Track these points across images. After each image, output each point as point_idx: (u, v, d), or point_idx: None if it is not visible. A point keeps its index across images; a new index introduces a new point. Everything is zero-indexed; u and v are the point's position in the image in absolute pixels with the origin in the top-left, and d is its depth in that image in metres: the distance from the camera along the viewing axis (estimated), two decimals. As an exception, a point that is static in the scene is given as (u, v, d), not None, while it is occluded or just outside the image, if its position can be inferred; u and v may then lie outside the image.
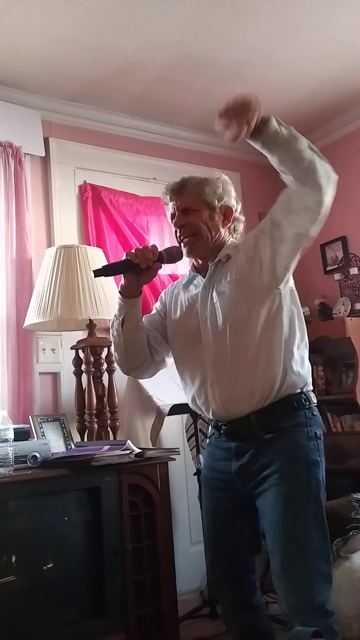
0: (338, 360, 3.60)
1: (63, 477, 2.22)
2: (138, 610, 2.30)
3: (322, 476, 1.70)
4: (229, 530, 1.80)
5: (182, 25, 2.78)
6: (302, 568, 1.59)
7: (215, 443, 1.85)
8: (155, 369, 1.97)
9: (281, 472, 1.66)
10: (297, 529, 1.61)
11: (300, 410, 1.72)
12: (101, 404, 2.80)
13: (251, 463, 1.72)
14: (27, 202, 3.07)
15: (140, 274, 1.77)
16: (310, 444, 1.70)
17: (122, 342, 1.85)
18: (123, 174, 3.50)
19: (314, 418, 1.75)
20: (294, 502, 1.63)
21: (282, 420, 1.70)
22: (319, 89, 3.44)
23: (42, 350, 3.05)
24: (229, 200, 1.87)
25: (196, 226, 1.81)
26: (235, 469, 1.75)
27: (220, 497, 1.82)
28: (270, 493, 1.67)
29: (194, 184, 1.83)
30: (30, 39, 2.78)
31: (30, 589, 2.13)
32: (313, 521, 1.62)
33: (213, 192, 1.83)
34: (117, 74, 3.11)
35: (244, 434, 1.73)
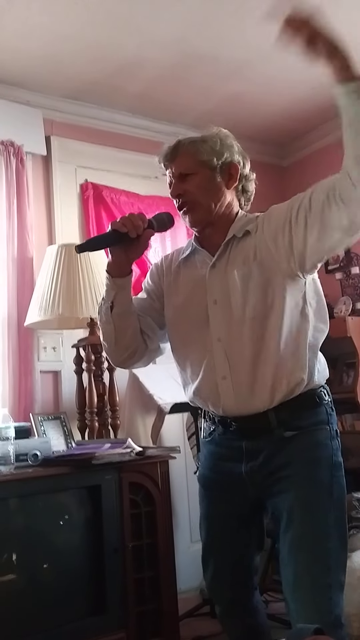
0: (339, 360, 3.60)
1: (64, 476, 2.22)
2: (138, 608, 2.30)
3: (345, 480, 1.56)
4: (234, 537, 1.66)
5: (183, 24, 2.78)
6: (321, 581, 1.45)
7: (220, 441, 1.64)
8: (149, 358, 1.74)
9: (301, 475, 1.51)
10: (318, 539, 1.47)
11: (321, 406, 1.57)
12: (102, 403, 2.80)
13: (266, 464, 1.55)
14: (28, 201, 3.07)
15: (129, 246, 1.56)
16: (333, 444, 1.56)
17: (112, 329, 1.62)
18: (124, 172, 3.49)
19: (333, 414, 1.60)
20: (315, 509, 1.49)
21: (303, 416, 1.54)
22: (320, 88, 3.42)
23: (43, 349, 3.05)
24: (231, 156, 1.63)
25: (194, 193, 1.58)
26: (246, 470, 1.57)
27: (225, 501, 1.65)
28: (287, 496, 1.52)
29: (188, 144, 1.62)
30: (31, 38, 2.78)
31: (30, 587, 2.13)
32: (335, 530, 1.49)
33: (210, 149, 1.60)
34: (118, 72, 3.11)
35: (258, 432, 1.55)
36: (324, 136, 3.94)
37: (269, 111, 3.64)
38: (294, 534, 1.49)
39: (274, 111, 3.65)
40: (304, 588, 1.45)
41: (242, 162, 1.66)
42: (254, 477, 1.57)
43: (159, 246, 3.51)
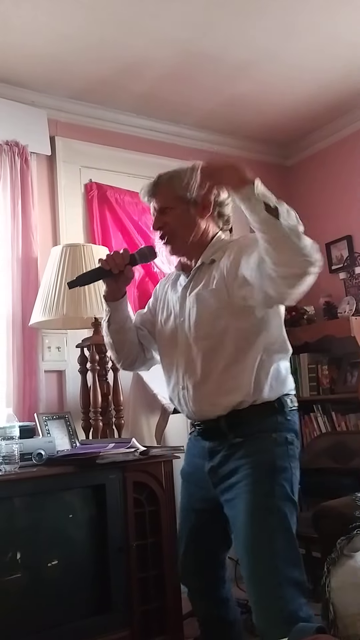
0: (343, 360, 3.60)
1: (68, 475, 2.23)
2: (142, 606, 2.31)
3: (291, 481, 1.66)
4: (202, 529, 1.85)
5: (188, 24, 2.78)
6: (269, 579, 1.56)
7: (194, 441, 1.88)
8: (149, 365, 2.02)
9: (246, 480, 1.65)
10: (261, 539, 1.59)
11: (271, 416, 1.69)
12: (106, 402, 2.81)
13: (221, 465, 1.73)
14: (33, 201, 3.08)
15: (116, 278, 1.79)
16: (277, 450, 1.67)
17: (111, 342, 1.92)
18: (129, 172, 3.50)
19: (286, 423, 1.71)
20: (257, 511, 1.61)
21: (250, 425, 1.68)
22: (324, 88, 3.43)
23: (47, 349, 3.06)
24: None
25: (172, 225, 1.76)
26: (207, 469, 1.77)
27: (197, 495, 1.86)
28: (236, 502, 1.66)
29: (165, 181, 1.78)
30: (36, 38, 2.79)
31: (35, 585, 2.14)
32: (279, 530, 1.59)
33: (182, 184, 1.72)
34: (123, 72, 3.12)
35: (216, 435, 1.74)
36: (328, 136, 3.94)
37: (273, 111, 3.64)
38: (240, 540, 1.65)
39: (278, 111, 3.65)
40: (253, 589, 1.60)
41: (216, 190, 1.74)
42: (213, 477, 1.76)
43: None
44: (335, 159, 3.94)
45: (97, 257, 2.74)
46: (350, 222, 3.78)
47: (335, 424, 3.46)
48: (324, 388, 3.58)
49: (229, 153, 3.88)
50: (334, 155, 3.95)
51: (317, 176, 4.05)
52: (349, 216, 3.79)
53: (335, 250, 3.86)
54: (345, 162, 3.87)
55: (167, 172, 1.81)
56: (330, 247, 3.89)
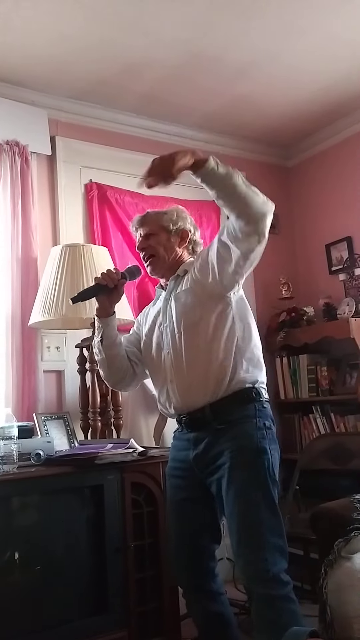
0: (342, 361, 3.60)
1: (66, 475, 2.23)
2: (140, 607, 2.31)
3: (271, 462, 1.88)
4: (189, 518, 2.00)
5: (189, 25, 2.78)
6: (257, 544, 1.79)
7: (179, 436, 2.06)
8: (138, 380, 2.24)
9: (232, 460, 1.85)
10: (250, 510, 1.81)
11: (250, 403, 1.92)
12: (105, 403, 2.81)
13: (206, 451, 1.92)
14: (33, 201, 3.08)
15: (110, 294, 2.07)
16: (258, 433, 1.89)
17: (104, 357, 2.12)
18: (129, 172, 3.49)
19: (263, 410, 1.94)
20: (245, 486, 1.83)
21: (233, 412, 1.90)
22: (325, 89, 3.43)
23: (46, 349, 3.06)
24: (184, 225, 2.13)
25: (154, 248, 2.09)
26: (192, 457, 1.95)
27: (180, 485, 2.02)
28: (223, 480, 1.86)
29: (154, 214, 2.15)
30: (37, 38, 2.79)
31: (33, 585, 2.14)
32: (264, 502, 1.82)
33: (169, 219, 2.11)
34: (123, 73, 3.12)
35: (200, 424, 1.94)
36: (329, 137, 3.94)
37: (274, 112, 3.64)
38: (230, 511, 1.85)
39: (279, 112, 3.65)
40: (243, 551, 1.82)
41: (192, 230, 2.16)
42: (198, 463, 1.95)
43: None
44: (335, 160, 3.94)
45: (97, 257, 2.78)
46: (350, 223, 3.78)
47: (334, 425, 3.47)
48: (323, 389, 3.58)
49: (229, 154, 3.88)
50: (335, 157, 3.95)
51: (317, 177, 4.05)
52: (349, 217, 3.79)
53: (335, 252, 3.86)
54: (345, 163, 3.87)
55: (155, 210, 2.22)
56: (330, 248, 3.89)
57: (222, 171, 1.77)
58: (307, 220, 4.10)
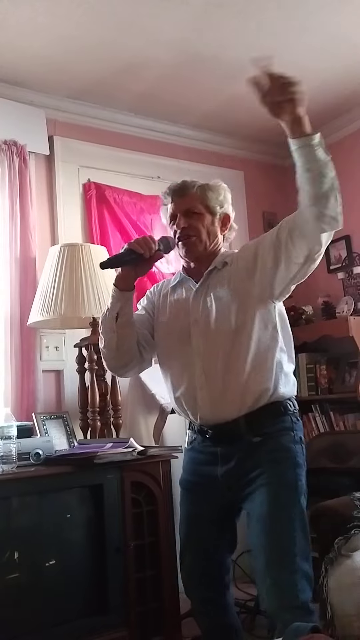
0: (341, 359, 3.60)
1: (66, 475, 2.23)
2: (140, 607, 2.31)
3: (305, 479, 1.75)
4: (208, 536, 1.83)
5: (187, 24, 2.78)
6: (287, 567, 1.62)
7: (199, 448, 1.86)
8: (141, 367, 1.97)
9: (269, 473, 1.70)
10: (284, 528, 1.65)
11: (286, 415, 1.78)
12: (104, 402, 2.81)
13: (238, 466, 1.75)
14: (31, 201, 3.08)
15: (139, 264, 1.79)
16: (296, 447, 1.76)
17: (116, 337, 1.83)
18: (127, 172, 3.50)
19: (298, 423, 1.81)
20: (282, 502, 1.67)
21: (269, 423, 1.75)
22: (323, 88, 3.43)
23: (45, 348, 3.06)
24: (228, 207, 1.91)
25: (197, 229, 1.83)
26: (221, 474, 1.77)
27: (199, 501, 1.84)
28: (258, 493, 1.70)
29: (197, 187, 1.86)
30: (35, 38, 2.79)
31: (32, 585, 2.13)
32: (298, 522, 1.67)
33: (215, 198, 1.87)
34: (121, 72, 3.12)
35: (230, 438, 1.75)
36: (326, 136, 3.86)
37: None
38: (262, 525, 1.68)
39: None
40: (273, 574, 1.63)
41: (232, 215, 1.95)
42: (228, 480, 1.76)
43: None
44: (334, 158, 3.90)
45: (95, 256, 2.77)
46: (349, 222, 3.72)
47: (333, 423, 3.46)
48: (322, 388, 3.58)
49: (228, 153, 3.88)
50: (333, 155, 3.89)
51: (315, 176, 4.04)
52: (348, 216, 3.73)
53: (333, 250, 3.86)
54: (343, 162, 3.85)
55: (199, 182, 1.89)
56: (328, 247, 3.86)
57: (324, 155, 1.71)
58: (306, 219, 4.09)
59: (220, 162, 3.72)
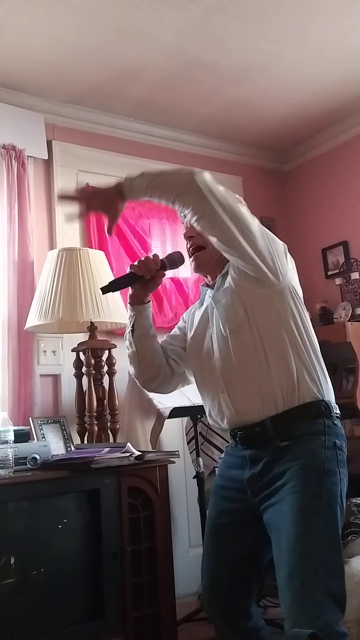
0: (339, 365, 3.60)
1: (63, 479, 2.22)
2: (136, 613, 2.30)
3: (339, 487, 1.60)
4: (231, 548, 1.72)
5: (186, 30, 2.79)
6: (308, 583, 1.47)
7: (231, 452, 1.79)
8: (176, 382, 1.93)
9: (293, 482, 1.58)
10: (305, 540, 1.51)
11: (318, 418, 1.65)
12: (101, 407, 2.80)
13: (264, 472, 1.64)
14: (29, 205, 3.08)
15: (145, 283, 1.79)
16: (327, 453, 1.61)
17: (135, 350, 1.83)
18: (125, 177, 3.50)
19: (333, 427, 1.67)
20: (304, 512, 1.54)
21: (298, 427, 1.63)
22: (322, 93, 3.44)
23: (43, 353, 3.05)
24: None
25: (204, 239, 1.77)
26: (247, 477, 1.68)
27: (227, 509, 1.75)
28: (281, 504, 1.58)
29: None
30: (34, 43, 2.80)
31: (28, 590, 2.13)
32: (323, 532, 1.52)
33: None
34: (120, 77, 3.13)
35: (259, 441, 1.66)
36: (325, 141, 3.95)
37: (270, 117, 3.65)
38: (283, 537, 1.54)
39: (275, 117, 3.66)
40: (291, 591, 1.48)
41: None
42: (253, 485, 1.66)
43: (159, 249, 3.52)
44: (332, 164, 3.95)
45: (93, 261, 2.78)
46: (347, 227, 3.79)
47: (330, 429, 3.46)
48: (319, 393, 3.57)
49: (227, 158, 3.89)
50: (331, 161, 3.96)
51: (314, 182, 4.06)
52: (345, 222, 3.80)
53: (331, 256, 3.87)
54: (342, 168, 3.88)
55: None
56: (326, 252, 3.90)
57: (140, 180, 1.68)
58: (304, 224, 4.10)
59: (218, 168, 3.72)
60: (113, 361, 2.84)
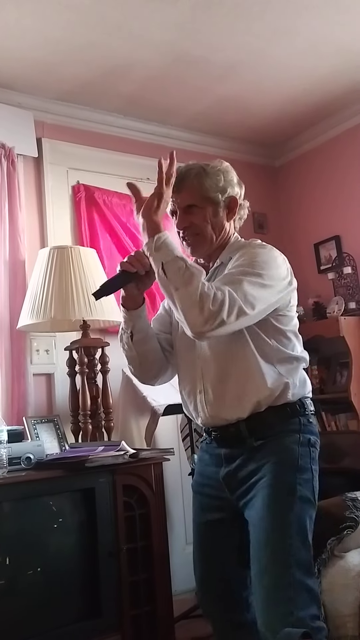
0: (332, 360, 3.61)
1: (57, 479, 2.22)
2: (133, 610, 2.30)
3: (312, 484, 1.59)
4: (218, 544, 1.71)
5: (174, 26, 2.78)
6: (280, 578, 1.46)
7: (206, 449, 1.76)
8: (172, 372, 1.85)
9: (266, 477, 1.56)
10: (277, 535, 1.50)
11: (294, 417, 1.63)
12: (95, 405, 2.80)
13: (239, 469, 1.63)
14: (20, 203, 3.06)
15: (140, 281, 1.67)
16: (301, 450, 1.60)
17: (135, 355, 1.75)
18: (116, 174, 3.49)
19: (309, 425, 1.65)
20: (276, 507, 1.53)
21: (273, 427, 1.61)
22: (311, 89, 3.44)
23: (35, 352, 3.04)
24: (232, 190, 1.74)
25: (200, 226, 1.69)
26: (223, 475, 1.66)
27: (208, 505, 1.73)
28: (256, 499, 1.57)
29: (193, 178, 1.70)
30: (22, 40, 2.78)
31: (24, 590, 2.12)
32: (295, 529, 1.51)
33: (215, 185, 1.70)
34: (110, 74, 3.11)
35: (233, 441, 1.64)
36: (316, 136, 3.95)
37: (260, 112, 3.64)
38: (256, 533, 1.53)
39: (265, 112, 3.65)
40: (262, 586, 1.47)
41: (239, 192, 1.77)
42: (230, 482, 1.65)
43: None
44: (323, 159, 3.95)
45: (85, 259, 2.76)
46: (339, 222, 3.79)
47: (325, 424, 3.47)
48: (313, 388, 3.56)
49: (217, 154, 3.85)
50: (322, 156, 3.96)
51: (305, 177, 4.06)
52: (337, 216, 3.80)
53: (323, 251, 3.87)
54: (333, 162, 3.88)
55: (192, 166, 1.75)
56: (318, 247, 3.90)
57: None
58: (296, 219, 4.10)
59: (209, 164, 3.71)
60: (106, 359, 2.83)
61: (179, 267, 1.51)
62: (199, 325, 1.47)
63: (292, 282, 1.69)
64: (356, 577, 2.27)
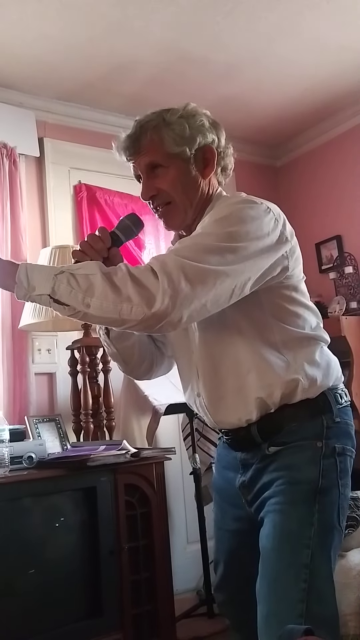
0: (333, 359, 3.60)
1: (59, 478, 2.22)
2: (135, 609, 2.30)
3: (337, 506, 1.32)
4: (240, 553, 1.52)
5: (176, 26, 2.78)
6: (293, 613, 1.22)
7: (224, 448, 1.56)
8: (169, 364, 1.63)
9: (278, 497, 1.33)
10: (285, 579, 1.25)
11: (315, 418, 1.36)
12: (97, 404, 2.80)
13: (253, 481, 1.42)
14: (21, 203, 3.06)
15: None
16: (324, 464, 1.32)
17: (116, 352, 1.52)
18: (118, 174, 3.48)
19: (335, 427, 1.36)
20: (287, 542, 1.28)
21: (289, 431, 1.35)
22: (312, 89, 3.44)
23: (37, 351, 3.05)
24: (203, 138, 1.41)
25: (169, 192, 1.39)
26: (238, 485, 1.46)
27: (230, 513, 1.54)
28: (266, 522, 1.34)
29: (151, 131, 1.42)
30: (24, 39, 2.78)
31: (26, 589, 2.12)
32: (313, 570, 1.25)
33: (179, 137, 1.39)
34: (111, 74, 3.11)
35: (246, 445, 1.42)
36: (317, 136, 3.95)
37: (261, 113, 3.65)
38: (264, 566, 1.30)
39: (266, 113, 3.65)
40: (270, 634, 1.23)
41: (216, 138, 1.44)
42: (245, 494, 1.46)
43: (153, 248, 3.51)
44: (324, 159, 3.95)
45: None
46: (340, 222, 3.79)
47: (326, 423, 3.46)
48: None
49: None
50: (323, 156, 3.96)
51: (306, 177, 4.06)
52: (339, 216, 3.80)
53: (325, 250, 3.87)
54: (333, 162, 3.88)
55: (150, 118, 1.44)
56: (320, 247, 3.90)
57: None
58: (297, 219, 4.08)
59: (211, 163, 3.72)
60: (108, 359, 2.83)
61: (67, 282, 1.21)
62: (146, 318, 1.18)
63: (284, 241, 1.35)
64: (357, 576, 2.27)
